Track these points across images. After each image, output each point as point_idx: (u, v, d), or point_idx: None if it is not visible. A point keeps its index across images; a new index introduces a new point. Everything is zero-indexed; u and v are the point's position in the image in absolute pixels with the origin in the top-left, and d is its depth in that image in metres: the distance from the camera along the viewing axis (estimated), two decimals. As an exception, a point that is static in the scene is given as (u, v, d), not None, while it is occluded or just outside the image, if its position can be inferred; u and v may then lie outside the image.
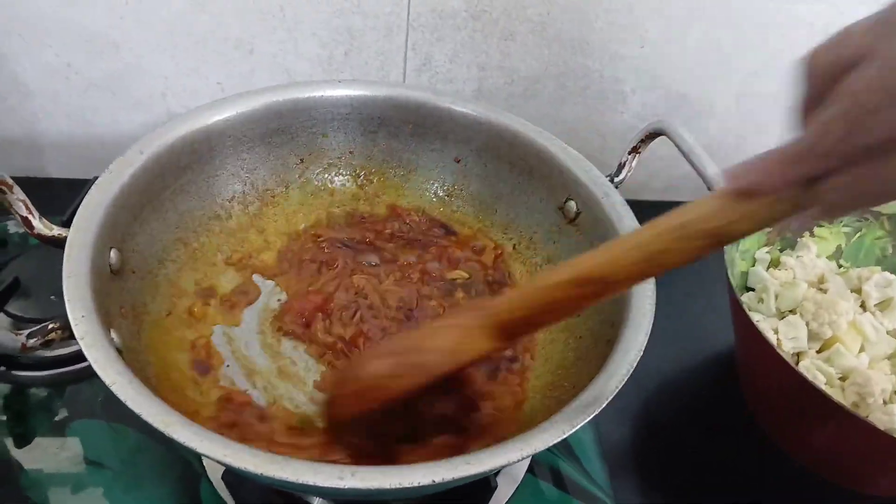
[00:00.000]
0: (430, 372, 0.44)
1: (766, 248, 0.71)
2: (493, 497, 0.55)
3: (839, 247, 0.73)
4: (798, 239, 0.73)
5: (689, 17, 0.74)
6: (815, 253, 0.71)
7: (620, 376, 0.43)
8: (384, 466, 0.37)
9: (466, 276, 0.61)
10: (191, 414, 0.48)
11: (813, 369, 0.61)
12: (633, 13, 0.74)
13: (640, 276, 0.39)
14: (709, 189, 0.51)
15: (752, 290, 0.69)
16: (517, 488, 0.58)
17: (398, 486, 0.37)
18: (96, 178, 0.72)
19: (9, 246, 0.72)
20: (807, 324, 0.63)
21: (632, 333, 0.46)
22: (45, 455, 0.59)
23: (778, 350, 0.56)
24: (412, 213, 0.66)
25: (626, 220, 0.53)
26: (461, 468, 0.38)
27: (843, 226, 0.73)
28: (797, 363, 0.63)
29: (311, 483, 0.36)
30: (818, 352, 0.63)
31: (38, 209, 0.48)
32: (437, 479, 0.37)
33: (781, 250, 0.72)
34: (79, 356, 0.64)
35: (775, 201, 0.32)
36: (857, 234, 0.73)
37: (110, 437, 0.61)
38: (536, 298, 0.41)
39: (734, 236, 0.35)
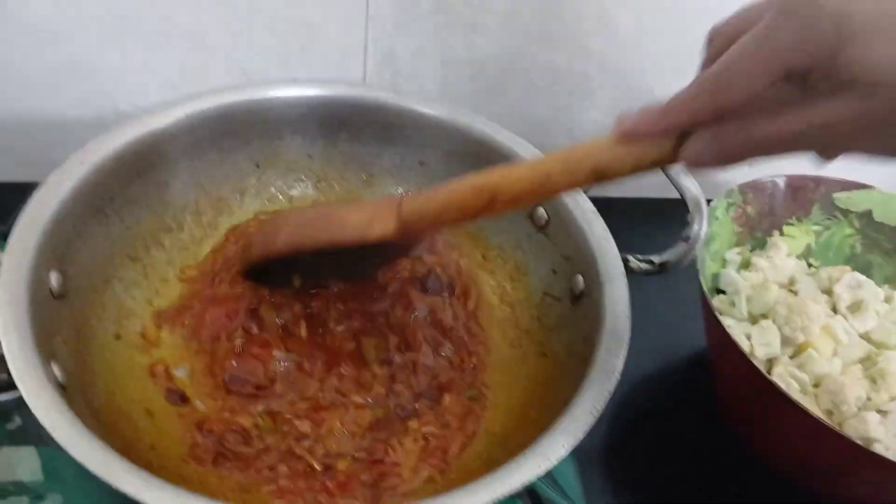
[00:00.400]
0: (334, 235, 0.48)
1: (737, 249, 0.70)
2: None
3: (808, 245, 0.73)
4: (768, 238, 0.71)
5: (658, 8, 0.72)
6: (785, 252, 0.70)
7: (598, 405, 0.41)
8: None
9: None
10: (146, 449, 0.45)
11: (786, 376, 0.60)
12: (603, 4, 0.71)
13: (529, 195, 0.42)
14: (682, 198, 0.49)
15: (724, 292, 0.68)
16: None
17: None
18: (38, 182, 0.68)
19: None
20: (779, 328, 0.62)
21: (607, 357, 0.44)
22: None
23: (751, 358, 0.55)
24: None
25: (597, 228, 0.52)
26: (434, 512, 0.35)
27: (813, 224, 0.72)
28: (770, 370, 0.62)
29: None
30: (791, 357, 0.62)
31: None
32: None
33: (752, 250, 0.71)
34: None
35: (649, 146, 0.36)
36: (827, 232, 0.73)
37: (65, 462, 0.57)
38: (440, 198, 0.44)
39: (612, 174, 0.38)
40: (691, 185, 0.48)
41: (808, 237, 0.72)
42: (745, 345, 0.62)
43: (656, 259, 0.50)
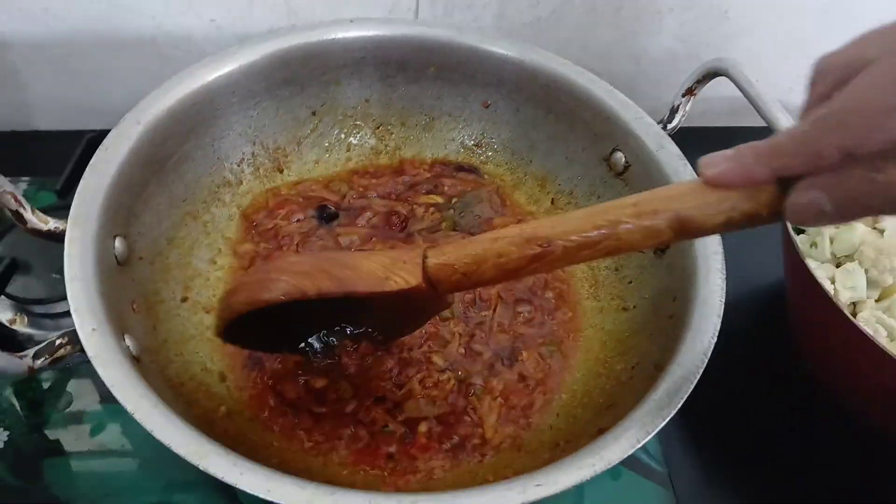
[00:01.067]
0: (344, 285, 0.39)
1: (819, 184, 0.65)
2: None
3: None
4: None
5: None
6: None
7: (695, 369, 0.39)
8: (448, 494, 0.34)
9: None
10: (222, 417, 0.45)
11: (872, 321, 0.57)
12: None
13: (589, 249, 0.34)
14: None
15: (804, 232, 0.64)
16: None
17: (463, 514, 0.34)
18: (87, 138, 0.66)
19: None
20: (865, 271, 0.59)
21: (701, 315, 0.41)
22: (62, 444, 0.56)
23: (835, 301, 0.52)
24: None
25: (685, 176, 0.48)
26: (531, 491, 0.34)
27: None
28: (855, 313, 0.59)
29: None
30: (877, 301, 0.59)
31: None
32: (507, 504, 0.34)
33: (835, 185, 0.67)
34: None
35: (746, 195, 0.30)
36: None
37: (130, 422, 0.57)
38: (475, 250, 0.37)
39: (699, 227, 0.32)
40: (784, 120, 0.44)
41: (896, 171, 0.67)
42: (828, 288, 0.59)
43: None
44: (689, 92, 0.51)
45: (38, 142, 0.77)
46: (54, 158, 0.65)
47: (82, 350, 0.38)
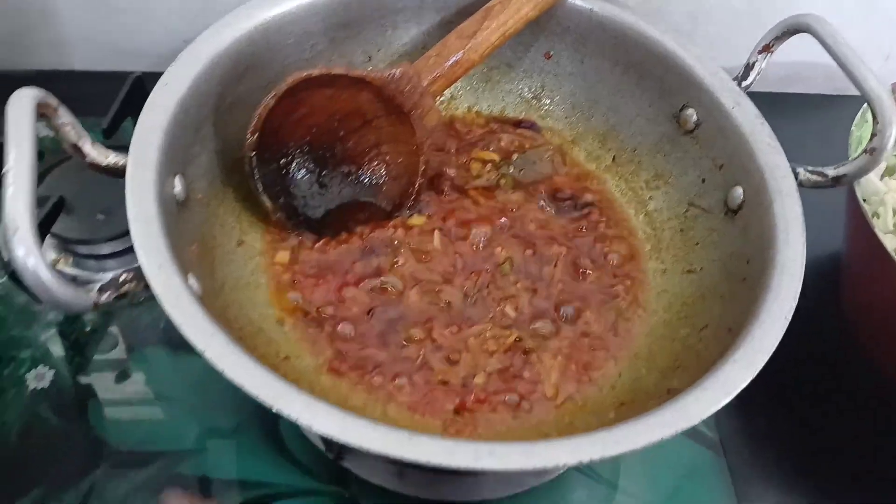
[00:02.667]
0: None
1: (882, 152, 0.64)
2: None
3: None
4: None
5: None
6: (936, 157, 0.64)
7: (777, 331, 0.38)
8: (522, 444, 0.33)
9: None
10: (281, 362, 0.44)
11: (938, 294, 0.55)
12: None
13: None
14: (869, 106, 0.43)
15: (865, 201, 0.62)
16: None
17: (540, 466, 0.33)
18: (134, 76, 0.65)
19: (45, 156, 0.65)
20: (932, 243, 0.57)
21: (782, 278, 0.40)
22: (106, 387, 0.55)
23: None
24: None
25: (763, 136, 0.46)
26: (610, 447, 0.33)
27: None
28: (918, 287, 0.57)
29: (444, 464, 0.32)
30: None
31: (69, 107, 0.41)
32: (585, 459, 0.33)
33: (897, 154, 0.65)
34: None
35: None
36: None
37: (174, 365, 0.57)
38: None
39: None
40: (881, 89, 0.42)
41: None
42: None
43: (831, 172, 0.45)
44: (766, 48, 0.49)
45: (76, 82, 0.76)
46: (92, 99, 0.63)
47: (146, 287, 0.37)
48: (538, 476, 0.52)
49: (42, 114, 0.38)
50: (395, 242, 0.52)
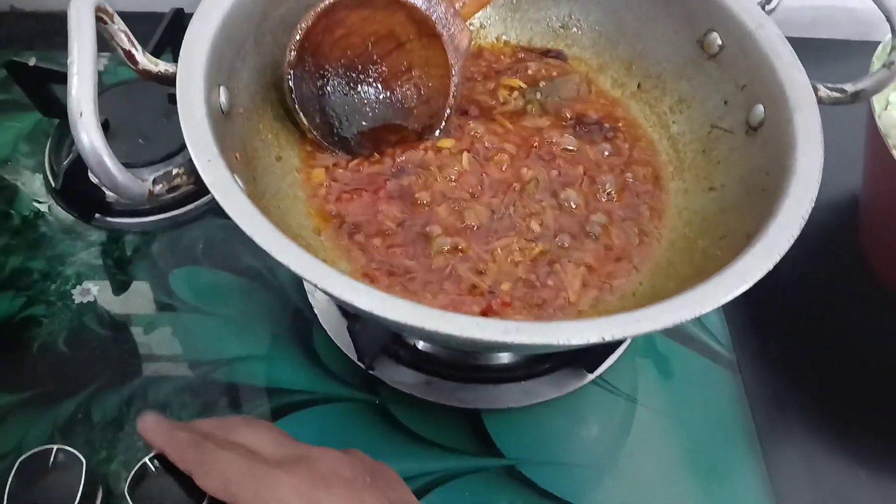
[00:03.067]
0: None
1: (903, 88, 0.65)
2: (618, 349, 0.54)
3: (979, 87, 0.67)
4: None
5: None
6: (956, 94, 0.65)
7: (793, 229, 0.39)
8: (548, 323, 0.35)
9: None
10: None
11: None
12: None
13: None
14: (889, 21, 0.45)
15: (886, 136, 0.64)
16: (633, 339, 0.57)
17: (566, 342, 0.35)
18: (174, 8, 0.67)
19: (88, 84, 0.67)
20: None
21: (800, 183, 0.42)
22: (147, 302, 0.58)
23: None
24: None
25: (784, 54, 0.47)
26: (631, 327, 0.35)
27: None
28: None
29: (476, 337, 0.35)
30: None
31: (103, 45, 0.43)
32: (608, 337, 0.35)
33: (918, 90, 0.66)
34: (176, 203, 0.63)
35: None
36: None
37: (212, 283, 0.60)
38: None
39: None
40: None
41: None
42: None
43: (850, 87, 0.46)
44: (791, -28, 0.50)
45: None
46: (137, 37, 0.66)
47: (197, 181, 0.40)
48: (558, 387, 0.54)
49: (100, 18, 0.41)
50: (426, 163, 0.54)
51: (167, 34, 0.66)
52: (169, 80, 0.43)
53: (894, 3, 0.44)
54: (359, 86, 0.54)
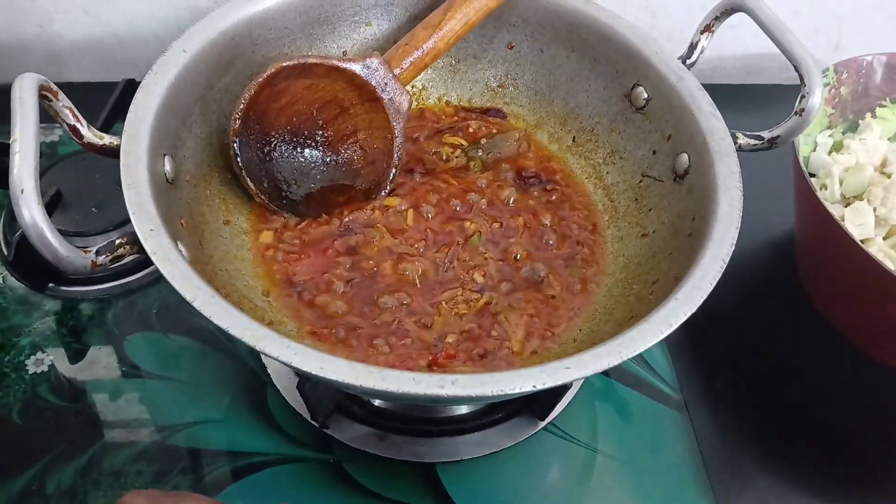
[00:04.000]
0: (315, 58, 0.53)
1: (828, 132, 0.68)
2: (566, 395, 0.55)
3: (902, 127, 0.70)
4: (860, 121, 0.69)
5: None
6: (878, 135, 0.68)
7: (714, 272, 0.41)
8: (483, 374, 0.37)
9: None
10: (264, 326, 0.47)
11: (881, 255, 0.59)
12: None
13: None
14: (797, 71, 0.48)
15: (814, 175, 0.67)
16: (581, 384, 0.58)
17: (499, 392, 0.36)
18: (125, 79, 0.69)
19: (41, 157, 0.69)
20: (874, 209, 0.61)
21: (721, 227, 0.44)
22: (102, 368, 0.58)
23: (846, 231, 0.55)
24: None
25: (703, 105, 0.50)
26: (562, 374, 0.37)
27: (906, 105, 0.70)
28: (864, 250, 0.61)
29: (411, 392, 0.36)
30: (885, 238, 0.62)
31: None
32: (539, 385, 0.36)
33: (843, 133, 0.69)
34: (129, 270, 0.63)
35: None
36: (920, 113, 0.70)
37: (167, 348, 0.60)
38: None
39: None
40: (806, 54, 0.47)
41: (902, 119, 0.70)
42: (838, 226, 0.61)
43: (766, 134, 0.49)
44: (707, 28, 0.54)
45: (71, 92, 0.79)
46: (87, 108, 0.67)
47: (140, 250, 0.41)
48: (511, 436, 0.55)
49: (44, 96, 0.42)
50: (372, 221, 0.55)
51: (119, 104, 0.67)
52: (115, 153, 0.45)
53: (801, 54, 0.47)
54: (306, 150, 0.56)
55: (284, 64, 0.52)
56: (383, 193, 0.57)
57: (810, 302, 0.65)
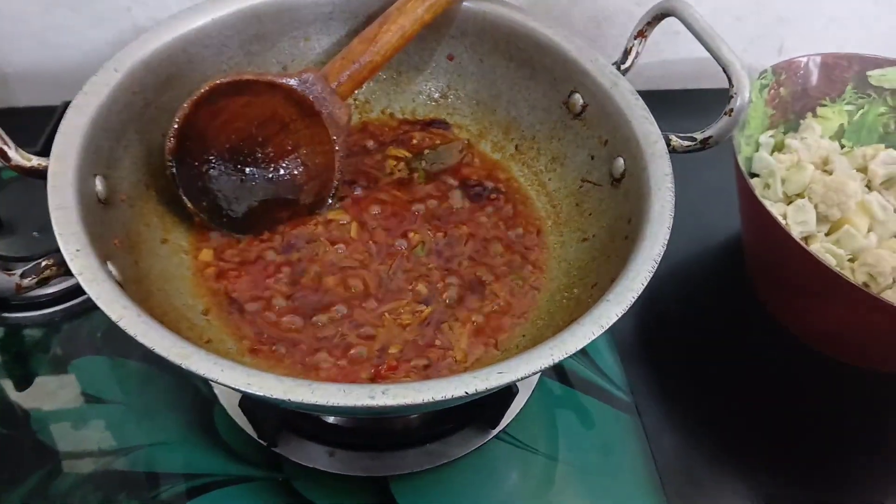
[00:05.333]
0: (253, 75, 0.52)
1: (770, 132, 0.69)
2: (514, 402, 0.55)
3: (841, 126, 0.72)
4: (801, 120, 0.71)
5: None
6: (818, 134, 0.69)
7: (646, 272, 0.41)
8: (415, 383, 0.36)
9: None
10: (201, 344, 0.47)
11: (823, 252, 0.60)
12: None
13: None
14: (725, 72, 0.48)
15: (757, 175, 0.68)
16: (532, 391, 0.58)
17: (430, 400, 0.36)
18: (68, 102, 0.68)
19: (-18, 183, 0.68)
20: (815, 206, 0.62)
21: (653, 228, 0.44)
22: (47, 394, 0.57)
23: (788, 232, 0.55)
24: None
25: (637, 109, 0.51)
26: (494, 378, 0.37)
27: (846, 104, 0.71)
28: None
29: (340, 404, 0.35)
30: (827, 234, 0.63)
31: (14, 140, 0.45)
32: (471, 391, 0.36)
33: (785, 133, 0.70)
34: (72, 293, 0.62)
35: None
36: (860, 112, 0.71)
37: (113, 371, 0.59)
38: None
39: None
40: (733, 56, 0.47)
41: (841, 118, 0.71)
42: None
43: (698, 135, 0.50)
44: (641, 34, 0.54)
45: (18, 117, 0.79)
46: (34, 133, 0.67)
47: (67, 271, 0.40)
48: (462, 446, 0.55)
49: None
50: (315, 236, 0.55)
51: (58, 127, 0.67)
52: (43, 175, 0.44)
53: (728, 57, 0.48)
54: (247, 167, 0.55)
55: (218, 81, 0.51)
56: (326, 207, 0.56)
57: (759, 302, 0.66)
